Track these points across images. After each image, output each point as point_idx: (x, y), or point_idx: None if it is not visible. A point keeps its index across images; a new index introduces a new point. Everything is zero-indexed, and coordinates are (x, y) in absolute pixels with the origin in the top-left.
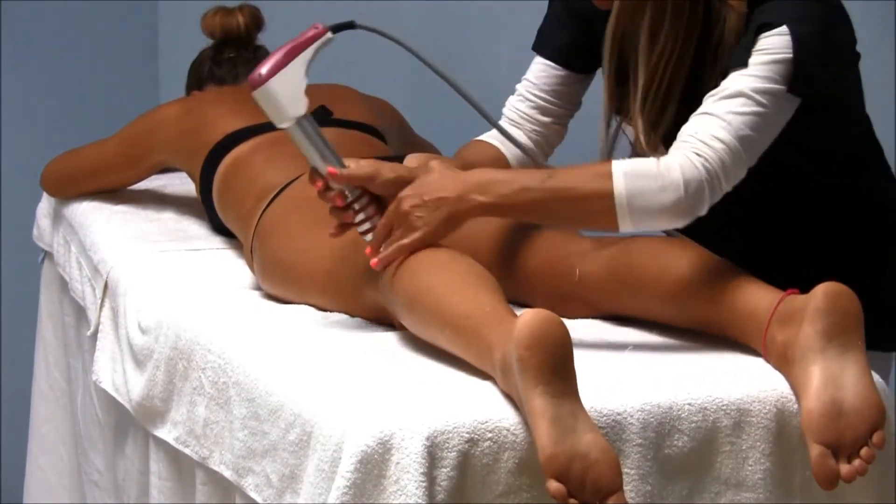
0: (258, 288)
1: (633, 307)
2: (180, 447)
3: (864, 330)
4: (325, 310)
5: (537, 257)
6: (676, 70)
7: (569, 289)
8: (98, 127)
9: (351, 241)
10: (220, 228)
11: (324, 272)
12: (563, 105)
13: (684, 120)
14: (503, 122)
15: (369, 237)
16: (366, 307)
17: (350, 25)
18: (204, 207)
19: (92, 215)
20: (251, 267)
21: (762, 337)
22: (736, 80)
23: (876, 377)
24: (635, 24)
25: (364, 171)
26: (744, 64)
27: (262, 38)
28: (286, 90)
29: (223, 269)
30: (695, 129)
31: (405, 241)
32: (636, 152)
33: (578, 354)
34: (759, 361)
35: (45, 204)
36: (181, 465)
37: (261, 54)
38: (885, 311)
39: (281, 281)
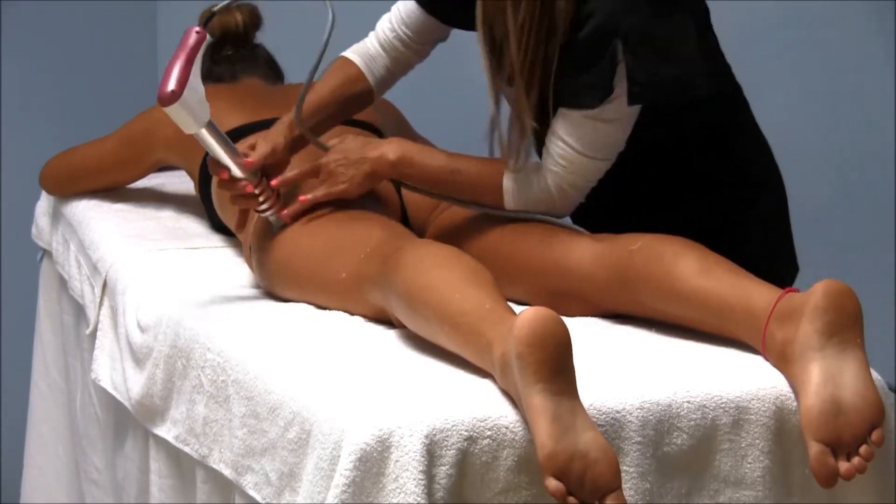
0: (257, 286)
1: (633, 305)
2: (180, 445)
3: (863, 328)
4: (323, 308)
5: (537, 255)
6: (538, 42)
7: (568, 287)
8: (98, 126)
9: (350, 240)
10: (219, 226)
11: (322, 270)
12: (422, 42)
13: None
14: (372, 38)
15: (268, 214)
16: (365, 305)
17: (211, 16)
18: (203, 206)
19: (91, 214)
20: (250, 265)
21: (761, 335)
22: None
23: (875, 375)
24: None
25: (266, 149)
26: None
27: (260, 37)
28: (194, 99)
29: (222, 267)
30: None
31: (332, 189)
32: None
33: (577, 352)
34: (758, 359)
35: (44, 202)
36: (181, 464)
37: (259, 52)
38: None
39: (280, 279)
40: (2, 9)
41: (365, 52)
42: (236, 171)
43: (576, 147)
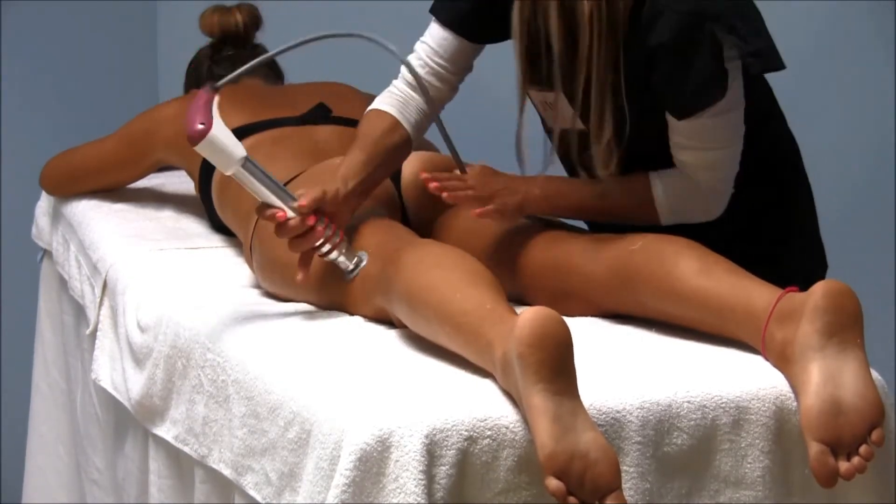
0: (257, 286)
1: (633, 305)
2: (179, 445)
3: (863, 328)
4: (324, 308)
5: (538, 255)
6: (608, 42)
7: (569, 287)
8: (98, 126)
9: (351, 240)
10: (219, 227)
11: (323, 270)
12: (457, 72)
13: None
14: (400, 83)
15: (334, 255)
16: (365, 305)
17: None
18: (203, 206)
19: (91, 214)
20: (250, 265)
21: (761, 335)
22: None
23: (875, 375)
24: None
25: (317, 193)
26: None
27: (260, 37)
28: (225, 136)
29: (222, 267)
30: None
31: (489, 207)
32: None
33: (578, 352)
34: (759, 359)
35: (44, 202)
36: (181, 464)
37: (259, 52)
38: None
39: (280, 279)
40: (2, 9)
41: (394, 99)
42: (280, 206)
43: (712, 146)
